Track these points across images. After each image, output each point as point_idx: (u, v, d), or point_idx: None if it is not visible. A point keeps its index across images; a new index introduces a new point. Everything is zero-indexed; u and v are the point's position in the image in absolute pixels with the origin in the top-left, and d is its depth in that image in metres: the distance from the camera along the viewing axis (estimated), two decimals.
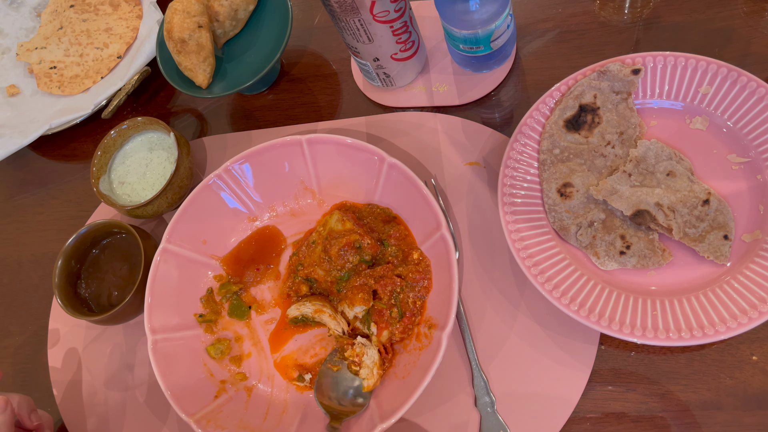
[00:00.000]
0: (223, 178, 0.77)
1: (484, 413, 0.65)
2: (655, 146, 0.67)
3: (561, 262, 0.66)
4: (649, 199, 0.64)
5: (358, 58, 0.78)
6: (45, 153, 0.99)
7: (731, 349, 0.62)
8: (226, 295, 0.77)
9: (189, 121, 0.93)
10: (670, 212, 0.64)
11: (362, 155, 0.74)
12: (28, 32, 1.07)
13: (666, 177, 0.66)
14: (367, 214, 0.75)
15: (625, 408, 0.63)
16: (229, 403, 0.70)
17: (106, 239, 0.81)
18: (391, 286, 0.69)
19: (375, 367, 0.66)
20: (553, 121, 0.70)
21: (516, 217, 0.68)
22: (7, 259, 0.94)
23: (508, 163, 0.70)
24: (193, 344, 0.74)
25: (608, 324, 0.61)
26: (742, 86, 0.66)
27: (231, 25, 0.86)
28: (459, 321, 0.69)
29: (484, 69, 0.79)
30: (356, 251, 0.71)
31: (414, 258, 0.71)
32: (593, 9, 0.80)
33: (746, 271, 0.61)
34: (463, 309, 0.70)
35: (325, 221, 0.75)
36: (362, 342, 0.68)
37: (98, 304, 0.79)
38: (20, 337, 0.87)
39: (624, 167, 0.67)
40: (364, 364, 0.67)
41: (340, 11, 0.68)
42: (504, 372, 0.67)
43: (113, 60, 0.98)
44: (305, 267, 0.74)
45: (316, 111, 0.87)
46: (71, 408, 0.79)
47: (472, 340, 0.68)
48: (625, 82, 0.69)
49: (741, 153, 0.66)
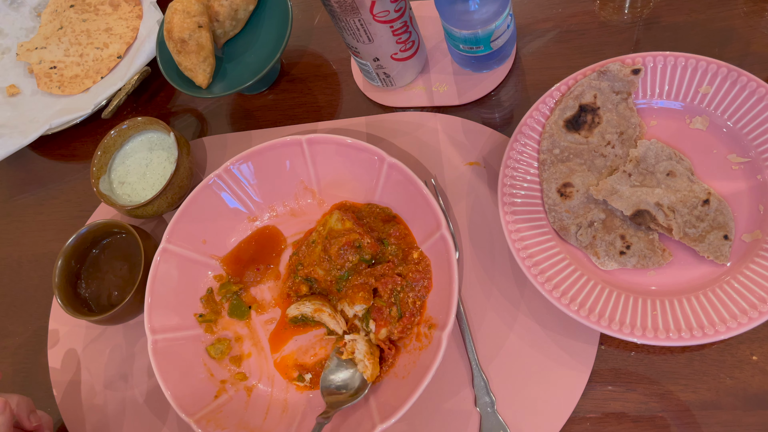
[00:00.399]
0: (223, 178, 0.77)
1: (484, 413, 0.65)
2: (655, 146, 0.67)
3: (561, 262, 0.66)
4: (649, 199, 0.64)
5: (358, 58, 0.78)
6: (45, 153, 0.99)
7: (731, 349, 0.62)
8: (226, 295, 0.77)
9: (189, 121, 0.93)
10: (670, 212, 0.64)
11: (362, 155, 0.74)
12: (28, 32, 1.07)
13: (666, 177, 0.66)
14: (367, 214, 0.75)
15: (625, 408, 0.63)
16: (229, 403, 0.70)
17: (106, 239, 0.81)
18: (392, 284, 0.69)
19: (366, 359, 0.67)
20: (553, 121, 0.70)
21: (516, 217, 0.68)
22: (7, 259, 0.94)
23: (508, 163, 0.70)
24: (193, 344, 0.74)
25: (608, 324, 0.61)
26: (742, 86, 0.66)
27: (231, 25, 0.87)
28: (459, 321, 0.69)
29: (484, 69, 0.79)
30: (356, 250, 0.71)
31: (414, 257, 0.71)
32: (593, 9, 0.80)
33: (746, 271, 0.61)
34: (463, 309, 0.70)
35: (325, 221, 0.75)
36: (350, 338, 0.69)
37: (98, 304, 0.79)
38: (20, 337, 0.87)
39: (624, 167, 0.67)
40: (357, 359, 0.67)
41: (340, 11, 0.68)
42: (504, 372, 0.67)
43: (113, 60, 0.98)
44: (305, 266, 0.74)
45: (316, 111, 0.87)
46: (71, 408, 0.79)
47: (472, 340, 0.68)
48: (625, 82, 0.69)
49: (741, 153, 0.66)
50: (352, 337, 0.69)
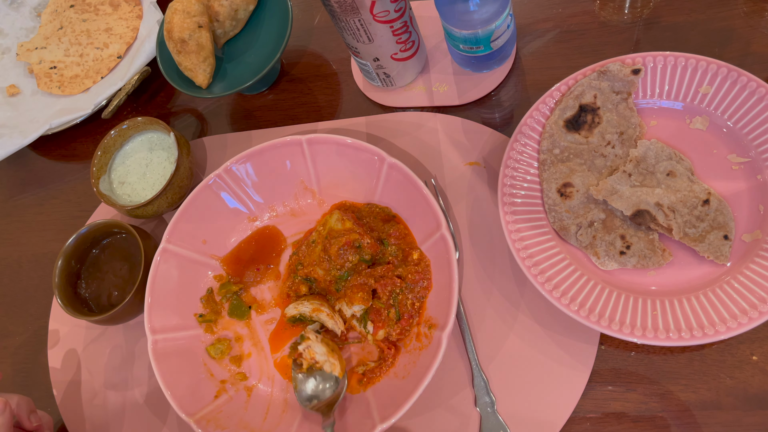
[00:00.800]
0: (223, 178, 0.77)
1: (484, 413, 0.65)
2: (655, 146, 0.67)
3: (561, 262, 0.66)
4: (649, 199, 0.64)
5: (358, 58, 0.78)
6: (45, 153, 0.99)
7: (731, 349, 0.62)
8: (226, 295, 0.77)
9: (189, 121, 0.93)
10: (670, 212, 0.64)
11: (362, 155, 0.74)
12: (28, 32, 1.07)
13: (666, 177, 0.66)
14: (367, 214, 0.75)
15: (625, 408, 0.63)
16: (229, 403, 0.70)
17: (106, 239, 0.81)
18: (391, 286, 0.69)
19: (329, 357, 0.67)
20: (553, 121, 0.70)
21: (516, 217, 0.68)
22: (7, 259, 0.94)
23: (508, 163, 0.70)
24: (193, 344, 0.74)
25: (608, 324, 0.61)
26: (742, 86, 0.66)
27: (231, 25, 0.87)
28: (459, 321, 0.69)
29: (484, 69, 0.79)
30: (356, 250, 0.71)
31: (414, 258, 0.71)
32: (593, 9, 0.80)
33: (746, 271, 0.61)
34: (463, 309, 0.70)
35: (324, 221, 0.75)
36: (304, 347, 0.69)
37: (98, 304, 0.79)
38: (20, 337, 0.87)
39: (624, 167, 0.67)
40: (320, 362, 0.67)
41: (340, 11, 0.68)
42: (504, 372, 0.67)
43: (113, 60, 0.98)
44: (305, 266, 0.74)
45: (316, 111, 0.87)
46: (71, 408, 0.79)
47: (472, 340, 0.68)
48: (625, 82, 0.69)
49: (741, 153, 0.66)
50: (305, 345, 0.69)
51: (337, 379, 0.67)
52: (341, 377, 0.67)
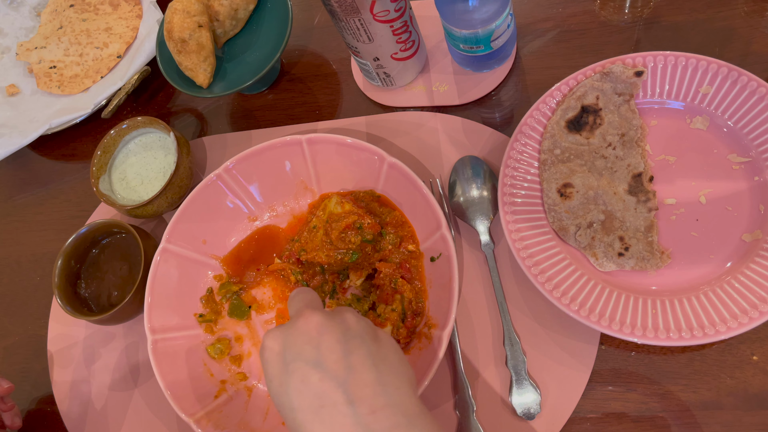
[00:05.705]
0: (223, 178, 0.77)
1: (464, 417, 0.65)
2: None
3: (561, 261, 0.66)
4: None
5: (358, 58, 0.78)
6: (45, 153, 0.99)
7: (731, 349, 0.62)
8: (226, 295, 0.77)
9: (189, 121, 0.93)
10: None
11: (362, 155, 0.74)
12: (28, 32, 1.07)
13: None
14: (363, 196, 0.75)
15: (626, 408, 0.63)
16: (229, 403, 0.70)
17: (106, 239, 0.81)
18: (391, 270, 0.70)
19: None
20: (554, 121, 0.70)
21: (516, 216, 0.68)
22: (7, 259, 0.94)
23: (508, 163, 0.70)
24: (193, 344, 0.74)
25: (608, 324, 0.61)
26: (742, 86, 0.66)
27: (231, 25, 0.86)
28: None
29: (485, 69, 0.79)
30: (357, 232, 0.70)
31: (409, 248, 0.71)
32: (593, 8, 0.80)
33: (746, 271, 0.61)
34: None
35: (324, 205, 0.74)
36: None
37: (98, 304, 0.79)
38: (20, 337, 0.87)
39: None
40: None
41: (340, 11, 0.68)
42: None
43: (113, 59, 0.98)
44: (308, 252, 0.73)
45: (316, 111, 0.87)
46: (71, 408, 0.79)
47: (458, 343, 0.68)
48: (627, 83, 0.69)
49: (741, 153, 0.66)
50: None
51: None
52: None
